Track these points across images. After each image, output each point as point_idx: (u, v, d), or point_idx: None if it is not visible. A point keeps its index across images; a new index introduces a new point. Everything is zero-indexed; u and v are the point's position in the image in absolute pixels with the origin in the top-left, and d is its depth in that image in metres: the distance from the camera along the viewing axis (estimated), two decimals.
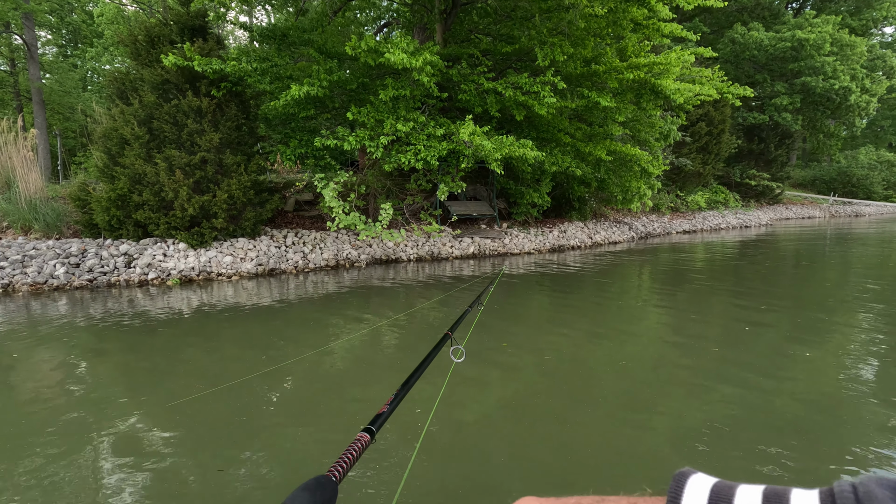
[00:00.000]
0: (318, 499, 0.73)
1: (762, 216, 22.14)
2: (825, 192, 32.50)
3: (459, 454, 2.71)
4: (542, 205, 12.15)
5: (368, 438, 1.00)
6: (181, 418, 3.10)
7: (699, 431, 2.93)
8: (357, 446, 0.95)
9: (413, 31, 11.90)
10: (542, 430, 2.98)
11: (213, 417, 3.10)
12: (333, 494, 0.78)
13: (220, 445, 2.79)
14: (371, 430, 1.02)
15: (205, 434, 2.91)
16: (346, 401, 3.42)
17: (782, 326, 5.30)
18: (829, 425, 3.03)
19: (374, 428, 1.04)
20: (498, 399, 3.47)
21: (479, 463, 2.63)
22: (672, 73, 9.08)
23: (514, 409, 3.30)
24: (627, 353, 4.41)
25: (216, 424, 3.02)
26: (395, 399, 1.19)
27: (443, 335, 1.78)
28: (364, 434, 1.00)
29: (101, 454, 2.70)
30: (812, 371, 3.95)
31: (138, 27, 8.13)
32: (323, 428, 3.02)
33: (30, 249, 7.08)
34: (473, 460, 2.64)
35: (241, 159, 8.08)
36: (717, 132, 20.18)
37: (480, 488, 2.41)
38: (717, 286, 7.76)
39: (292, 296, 6.58)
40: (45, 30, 22.11)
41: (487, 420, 3.16)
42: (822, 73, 22.48)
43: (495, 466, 2.60)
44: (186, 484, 2.44)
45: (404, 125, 7.71)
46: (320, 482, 0.77)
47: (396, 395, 1.21)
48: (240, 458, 2.65)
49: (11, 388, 3.59)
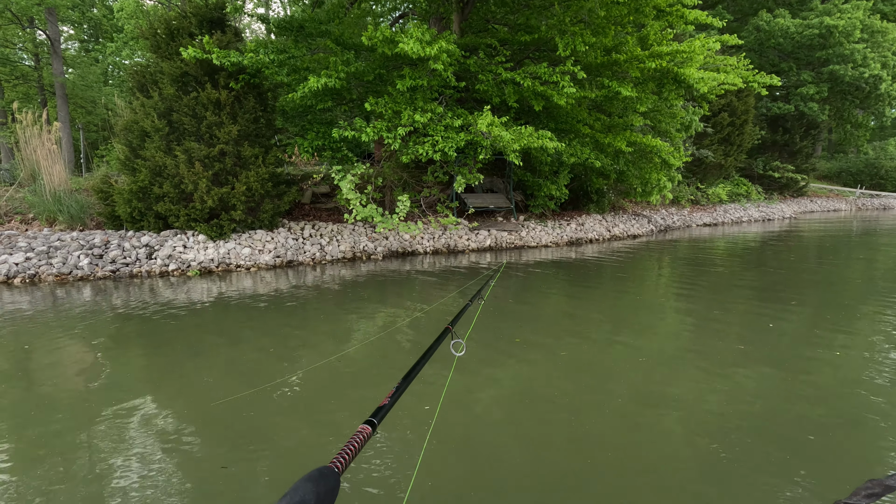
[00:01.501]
0: (320, 489, 0.75)
1: (786, 209, 21.59)
2: (852, 184, 31.54)
3: (470, 453, 2.67)
4: (559, 197, 12.00)
5: (370, 430, 1.01)
6: (199, 413, 3.12)
7: (717, 431, 2.85)
8: (359, 438, 0.97)
9: (429, 21, 11.77)
10: (556, 428, 2.92)
11: (231, 415, 3.11)
12: (335, 485, 0.80)
13: (231, 442, 2.79)
14: (372, 423, 1.04)
15: (219, 429, 2.93)
16: (364, 401, 3.40)
17: (807, 324, 5.14)
18: (854, 430, 2.91)
19: (376, 420, 1.06)
20: (510, 394, 3.43)
21: (491, 461, 2.58)
22: (696, 61, 8.83)
23: (526, 406, 3.25)
24: (645, 351, 4.32)
25: (232, 422, 3.03)
26: (396, 392, 1.21)
27: (444, 329, 1.79)
28: (366, 426, 1.01)
29: (113, 442, 2.72)
30: (838, 373, 3.81)
31: (158, 20, 8.18)
32: (333, 423, 3.01)
33: (55, 241, 7.22)
34: (484, 459, 2.60)
35: (259, 151, 8.11)
36: (740, 123, 19.68)
37: (491, 488, 2.37)
38: (738, 281, 7.58)
39: (311, 287, 6.60)
40: (68, 25, 22.49)
41: (501, 417, 3.12)
42: (852, 61, 21.72)
43: (507, 465, 2.55)
44: (196, 477, 2.45)
45: (422, 116, 7.64)
46: (323, 473, 0.79)
47: (398, 388, 1.22)
48: (252, 456, 2.65)
49: (32, 375, 3.66)
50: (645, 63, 8.45)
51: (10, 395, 3.33)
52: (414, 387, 1.40)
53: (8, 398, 3.29)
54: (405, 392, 1.24)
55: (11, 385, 3.49)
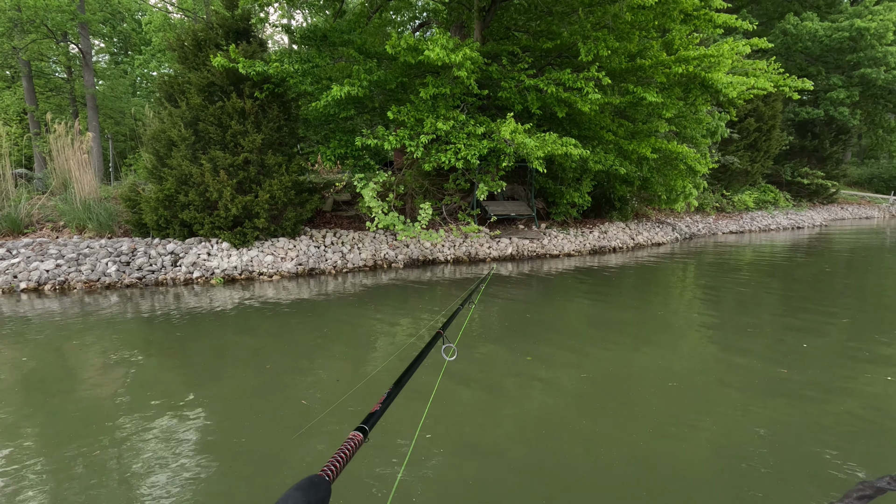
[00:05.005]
0: (311, 498, 0.75)
1: (815, 216, 20.92)
2: (884, 190, 30.45)
3: (468, 484, 2.55)
4: (581, 205, 11.82)
5: (361, 437, 1.00)
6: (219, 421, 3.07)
7: (743, 456, 2.67)
8: (350, 445, 0.95)
9: (450, 29, 11.79)
10: (571, 460, 2.75)
11: (262, 421, 3.05)
12: (327, 494, 0.79)
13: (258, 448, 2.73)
14: (364, 430, 1.02)
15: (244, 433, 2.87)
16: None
17: (842, 342, 4.89)
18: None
19: (367, 427, 1.04)
20: (530, 413, 3.30)
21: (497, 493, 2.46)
22: (724, 65, 8.61)
23: (540, 435, 3.12)
24: (670, 370, 4.14)
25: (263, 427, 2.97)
26: (387, 398, 1.19)
27: (434, 333, 1.77)
28: (357, 433, 1.00)
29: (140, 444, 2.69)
30: (876, 393, 3.59)
31: (185, 32, 8.35)
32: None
33: (84, 248, 7.35)
34: (488, 491, 2.48)
35: (283, 160, 8.17)
36: (767, 128, 19.20)
37: None
38: (769, 295, 7.30)
39: (333, 297, 6.57)
40: (99, 38, 23.22)
41: (532, 434, 2.99)
42: (884, 64, 21.04)
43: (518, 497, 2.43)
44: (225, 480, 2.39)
45: (444, 124, 7.60)
46: (313, 482, 0.79)
47: (389, 394, 1.21)
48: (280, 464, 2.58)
49: (62, 378, 3.67)
50: (671, 68, 8.27)
51: (45, 405, 3.34)
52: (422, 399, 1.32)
53: (42, 407, 3.30)
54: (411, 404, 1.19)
55: (46, 392, 3.50)
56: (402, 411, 3.03)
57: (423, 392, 3.25)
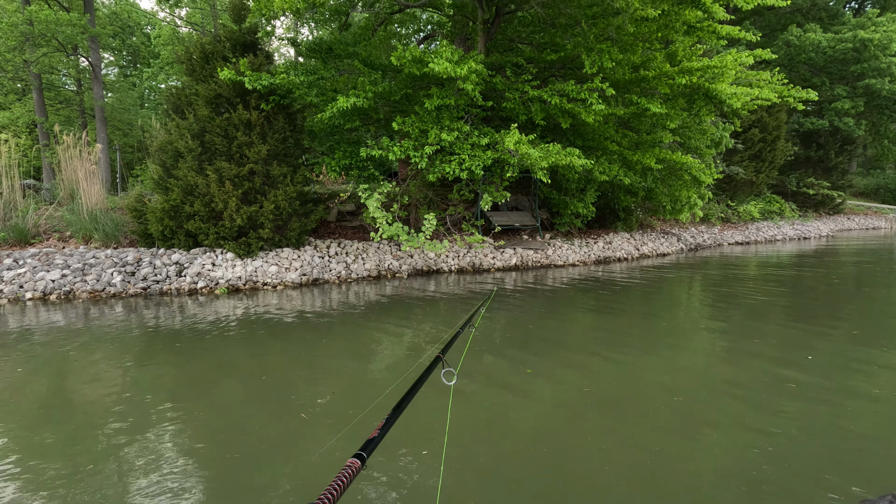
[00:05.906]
0: None
1: (822, 227, 20.79)
2: (890, 201, 30.33)
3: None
4: (586, 215, 11.80)
5: (359, 465, 0.96)
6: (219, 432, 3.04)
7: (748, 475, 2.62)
8: (347, 473, 0.91)
9: (455, 41, 11.90)
10: (571, 477, 2.72)
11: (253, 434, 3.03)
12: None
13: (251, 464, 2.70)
14: (362, 456, 0.98)
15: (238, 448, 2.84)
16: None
17: (849, 356, 4.82)
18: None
19: (365, 454, 1.00)
20: (531, 428, 3.26)
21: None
22: (728, 76, 8.63)
23: (541, 451, 3.08)
24: (675, 386, 4.08)
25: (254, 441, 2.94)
26: (386, 423, 1.14)
27: (434, 358, 1.70)
28: (354, 460, 0.96)
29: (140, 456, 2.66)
30: (882, 410, 3.52)
31: (193, 46, 8.46)
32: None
33: (90, 258, 7.39)
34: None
35: (288, 171, 8.21)
36: (772, 139, 19.18)
37: None
38: (776, 307, 7.22)
39: (337, 307, 6.56)
40: (109, 52, 23.61)
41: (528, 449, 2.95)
42: (889, 75, 21.06)
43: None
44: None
45: (448, 135, 7.63)
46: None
47: (388, 420, 1.16)
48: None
49: (64, 388, 3.66)
50: (675, 79, 8.30)
51: (50, 411, 3.33)
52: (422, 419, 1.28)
53: (41, 415, 3.29)
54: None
55: (52, 398, 3.49)
56: (400, 433, 2.98)
57: (425, 415, 3.21)
